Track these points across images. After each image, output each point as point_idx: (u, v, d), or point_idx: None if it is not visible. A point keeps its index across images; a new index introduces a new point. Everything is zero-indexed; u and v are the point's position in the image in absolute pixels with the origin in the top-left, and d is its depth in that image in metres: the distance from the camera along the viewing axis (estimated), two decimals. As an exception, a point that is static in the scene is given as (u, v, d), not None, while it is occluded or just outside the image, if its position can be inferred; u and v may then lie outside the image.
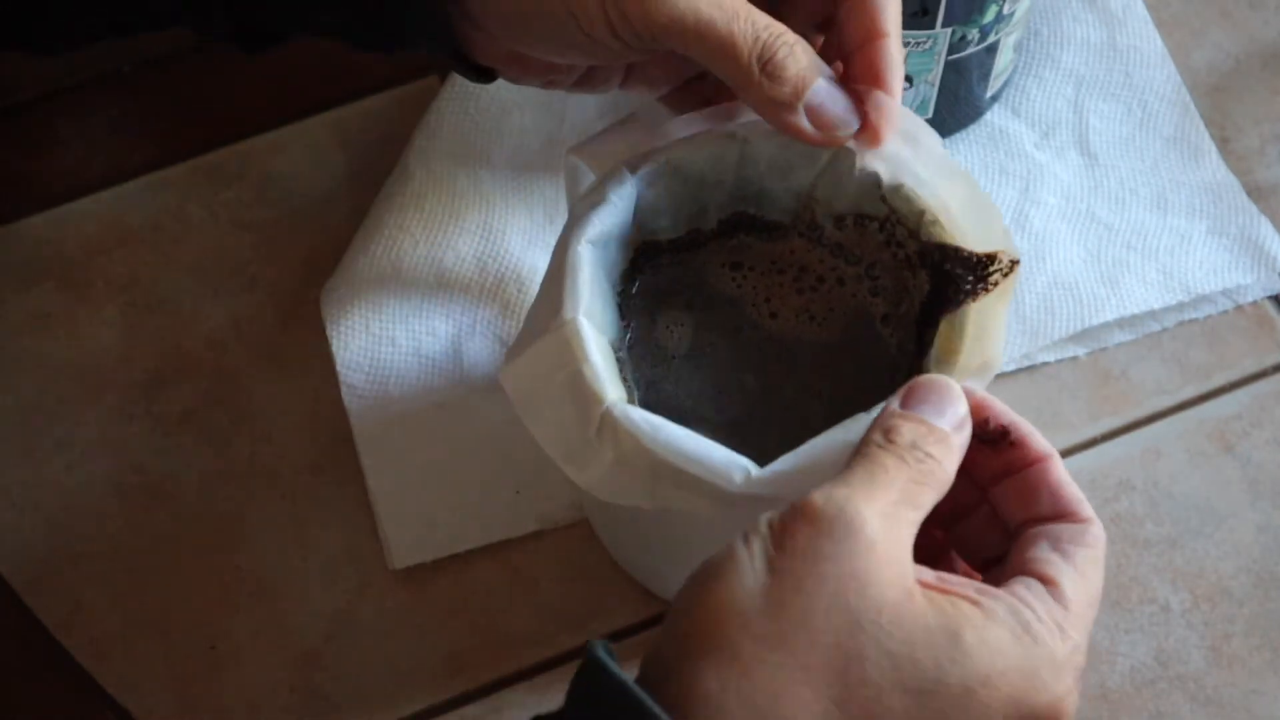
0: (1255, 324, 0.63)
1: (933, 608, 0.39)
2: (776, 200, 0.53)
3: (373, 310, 0.62)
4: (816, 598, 0.38)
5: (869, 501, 0.39)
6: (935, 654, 0.38)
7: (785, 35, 0.47)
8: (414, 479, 0.60)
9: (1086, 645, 0.41)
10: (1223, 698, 0.56)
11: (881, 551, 0.39)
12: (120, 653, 0.58)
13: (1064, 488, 0.42)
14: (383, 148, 0.67)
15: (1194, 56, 0.69)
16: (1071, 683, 0.40)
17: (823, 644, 0.38)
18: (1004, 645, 0.39)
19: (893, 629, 0.38)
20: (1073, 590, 0.40)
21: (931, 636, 0.38)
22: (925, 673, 0.38)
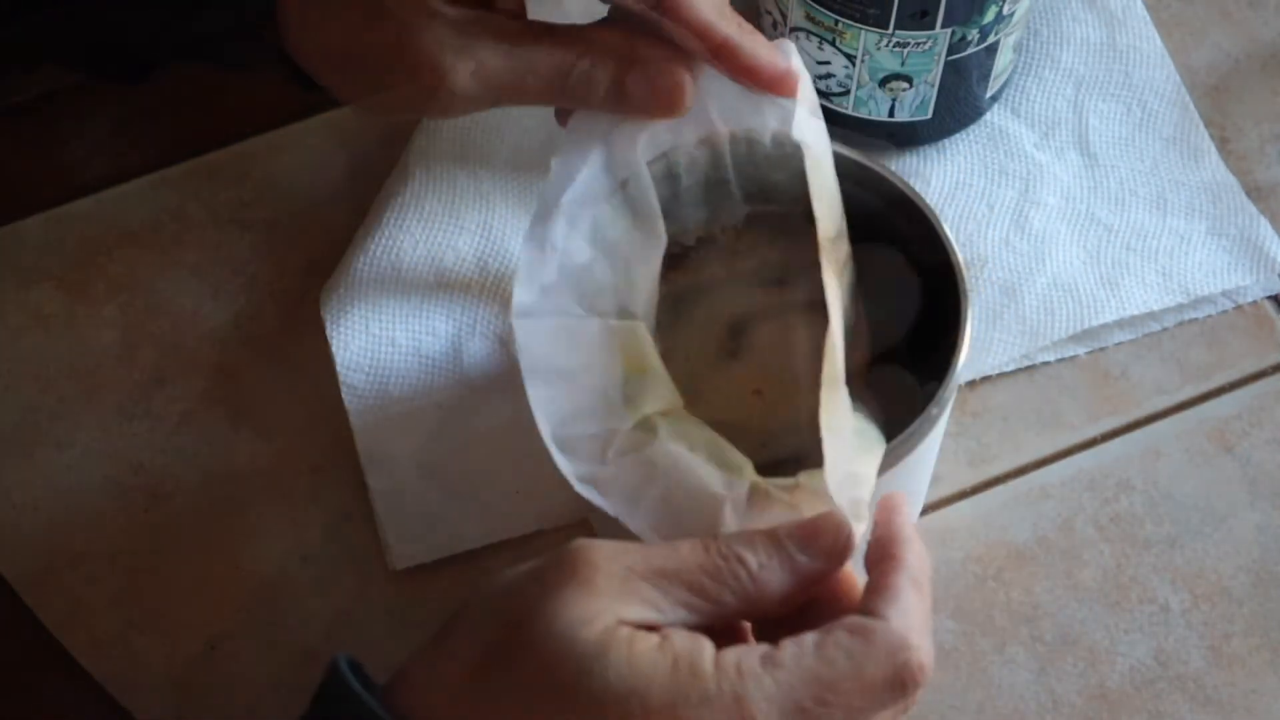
0: (1255, 324, 0.63)
1: (605, 630, 0.38)
2: (785, 190, 0.53)
3: (373, 310, 0.62)
4: (511, 609, 0.40)
5: (618, 555, 0.40)
6: (578, 665, 0.38)
7: (578, 66, 0.49)
8: (414, 479, 0.60)
9: (782, 715, 0.38)
10: (1223, 698, 0.56)
11: (590, 588, 0.39)
12: (120, 653, 0.58)
13: (887, 590, 0.41)
14: (383, 148, 0.67)
15: (1194, 56, 0.69)
16: None
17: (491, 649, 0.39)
18: (656, 670, 0.38)
19: (554, 640, 0.38)
20: (792, 656, 0.39)
21: (583, 650, 0.38)
22: (563, 684, 0.38)
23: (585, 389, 0.47)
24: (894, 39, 0.59)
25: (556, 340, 0.48)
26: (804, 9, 0.60)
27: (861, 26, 0.59)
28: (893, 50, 0.60)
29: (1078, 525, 0.59)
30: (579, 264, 0.49)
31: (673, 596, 0.40)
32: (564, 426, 0.47)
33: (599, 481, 0.46)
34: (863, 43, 0.60)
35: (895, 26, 0.59)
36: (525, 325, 0.48)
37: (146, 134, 0.68)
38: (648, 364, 0.48)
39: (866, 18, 0.59)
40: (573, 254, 0.49)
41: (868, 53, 0.60)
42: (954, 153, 0.66)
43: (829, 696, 0.38)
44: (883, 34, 0.59)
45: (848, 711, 0.39)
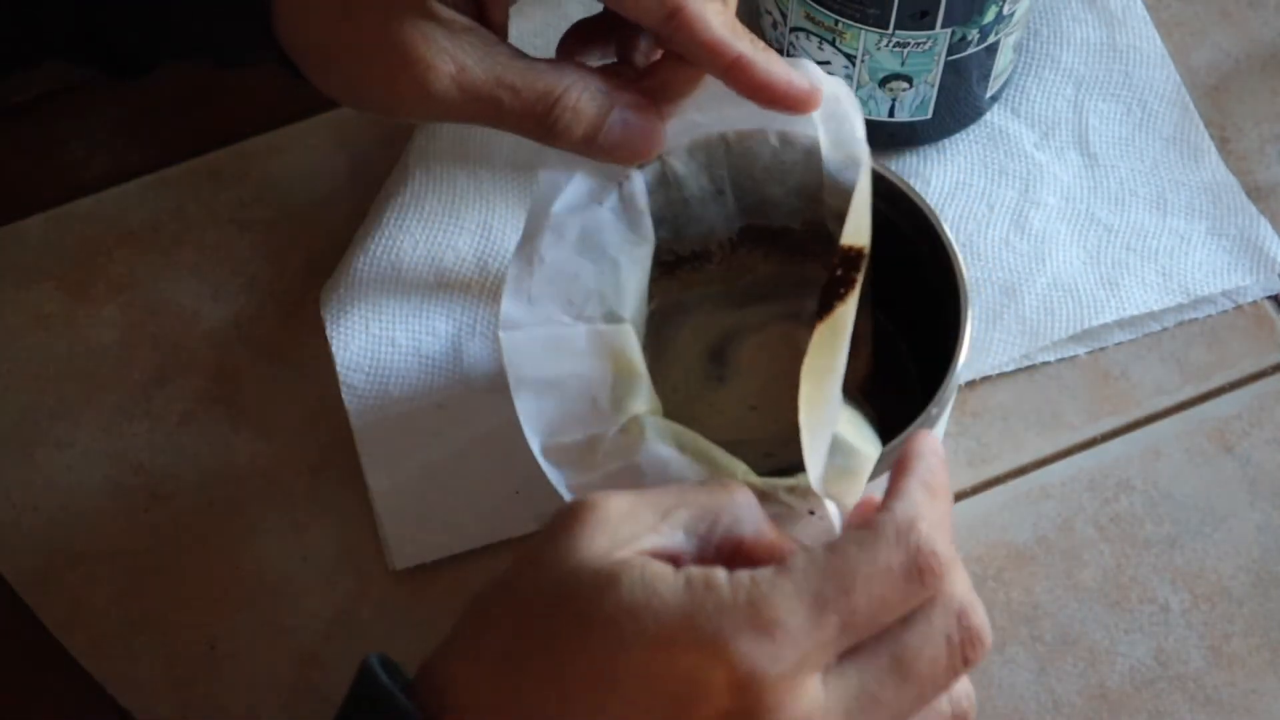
0: (1255, 324, 0.63)
1: (617, 560, 0.38)
2: (780, 205, 0.53)
3: (373, 310, 0.62)
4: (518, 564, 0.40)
5: (614, 494, 0.40)
6: (592, 593, 0.37)
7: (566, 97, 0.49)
8: (414, 479, 0.60)
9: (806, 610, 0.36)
10: (1222, 698, 0.56)
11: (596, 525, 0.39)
12: (120, 653, 0.58)
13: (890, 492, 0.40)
14: (383, 148, 0.67)
15: (1194, 56, 0.69)
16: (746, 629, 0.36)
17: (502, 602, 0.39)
18: (669, 589, 0.37)
19: (565, 578, 0.38)
20: (802, 559, 0.37)
21: (595, 579, 0.37)
22: (578, 611, 0.37)
23: (573, 396, 0.47)
24: (894, 39, 0.59)
25: (543, 351, 0.48)
26: (804, 9, 0.60)
27: (861, 26, 0.59)
28: (893, 50, 0.60)
29: (1078, 525, 0.59)
30: (566, 272, 0.49)
31: (673, 518, 0.39)
32: (553, 436, 0.47)
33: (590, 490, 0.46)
34: (863, 43, 0.60)
35: (895, 26, 0.59)
36: (512, 338, 0.48)
37: (146, 134, 0.68)
38: (635, 368, 0.48)
39: (866, 18, 0.59)
40: (559, 263, 0.49)
41: (868, 53, 0.60)
42: (954, 153, 0.66)
43: (849, 584, 0.37)
44: (883, 34, 0.59)
45: (872, 602, 0.37)
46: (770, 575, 0.37)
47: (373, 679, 0.40)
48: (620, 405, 0.47)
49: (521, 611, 0.39)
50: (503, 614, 0.39)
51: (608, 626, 0.37)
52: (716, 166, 0.52)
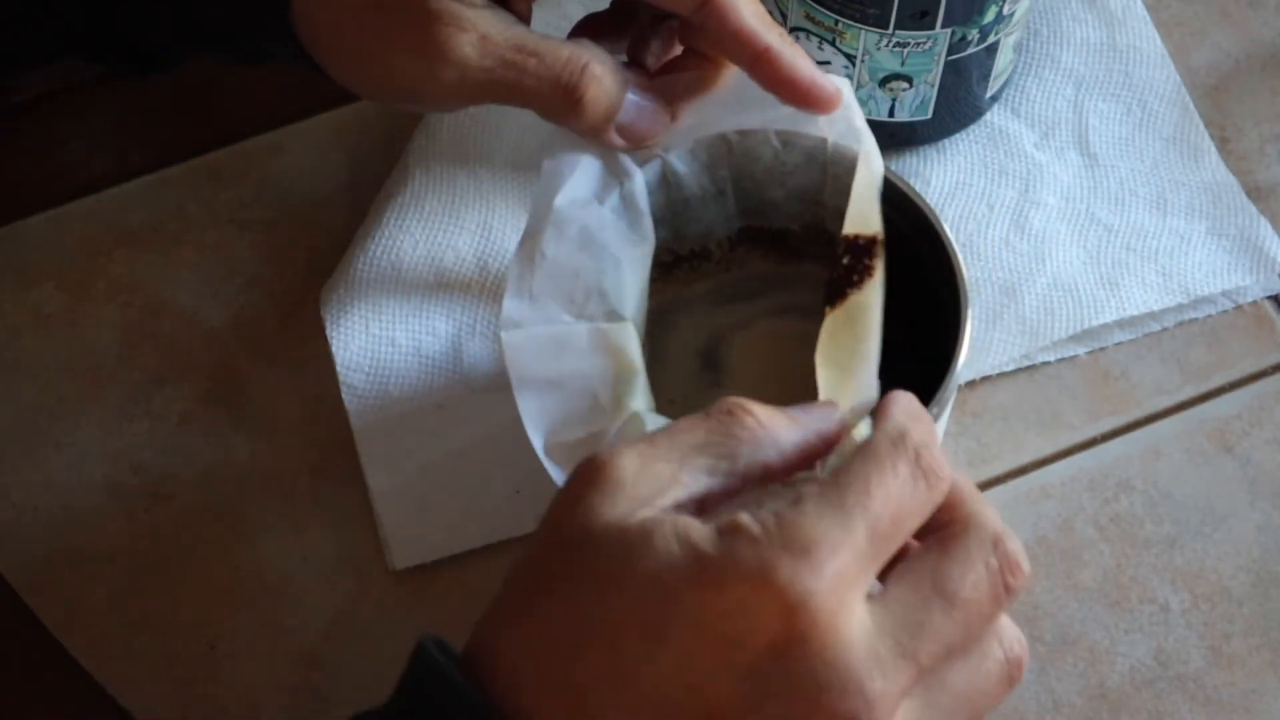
0: (1255, 324, 0.63)
1: (643, 518, 0.37)
2: (780, 208, 0.53)
3: (373, 310, 0.62)
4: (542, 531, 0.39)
5: (625, 448, 0.39)
6: (627, 551, 0.37)
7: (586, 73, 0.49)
8: (414, 479, 0.60)
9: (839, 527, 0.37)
10: (1222, 698, 0.56)
11: (614, 484, 0.38)
12: (120, 653, 0.58)
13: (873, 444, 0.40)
14: (383, 148, 0.67)
15: (1194, 56, 0.69)
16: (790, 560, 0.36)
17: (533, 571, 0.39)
18: (703, 537, 0.37)
19: (592, 539, 0.37)
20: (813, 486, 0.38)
21: (626, 537, 0.37)
22: (612, 572, 0.37)
23: (574, 395, 0.47)
24: (894, 39, 0.59)
25: (545, 349, 0.48)
26: (804, 9, 0.60)
27: (861, 26, 0.59)
28: (893, 50, 0.60)
29: (1078, 525, 0.59)
30: (568, 270, 0.49)
31: (690, 465, 0.39)
32: (555, 434, 0.47)
33: None
34: (863, 43, 0.60)
35: (895, 26, 0.59)
36: (514, 337, 0.48)
37: (146, 134, 0.68)
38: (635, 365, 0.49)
39: (866, 18, 0.59)
40: (561, 260, 0.49)
41: (868, 53, 0.60)
42: (954, 153, 0.66)
43: (864, 490, 0.37)
44: (883, 34, 0.59)
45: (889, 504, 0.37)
46: (790, 502, 0.37)
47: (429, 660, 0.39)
48: (620, 403, 0.47)
49: (558, 580, 0.38)
50: (539, 584, 0.39)
51: (650, 583, 0.36)
52: (718, 167, 0.52)
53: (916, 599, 0.37)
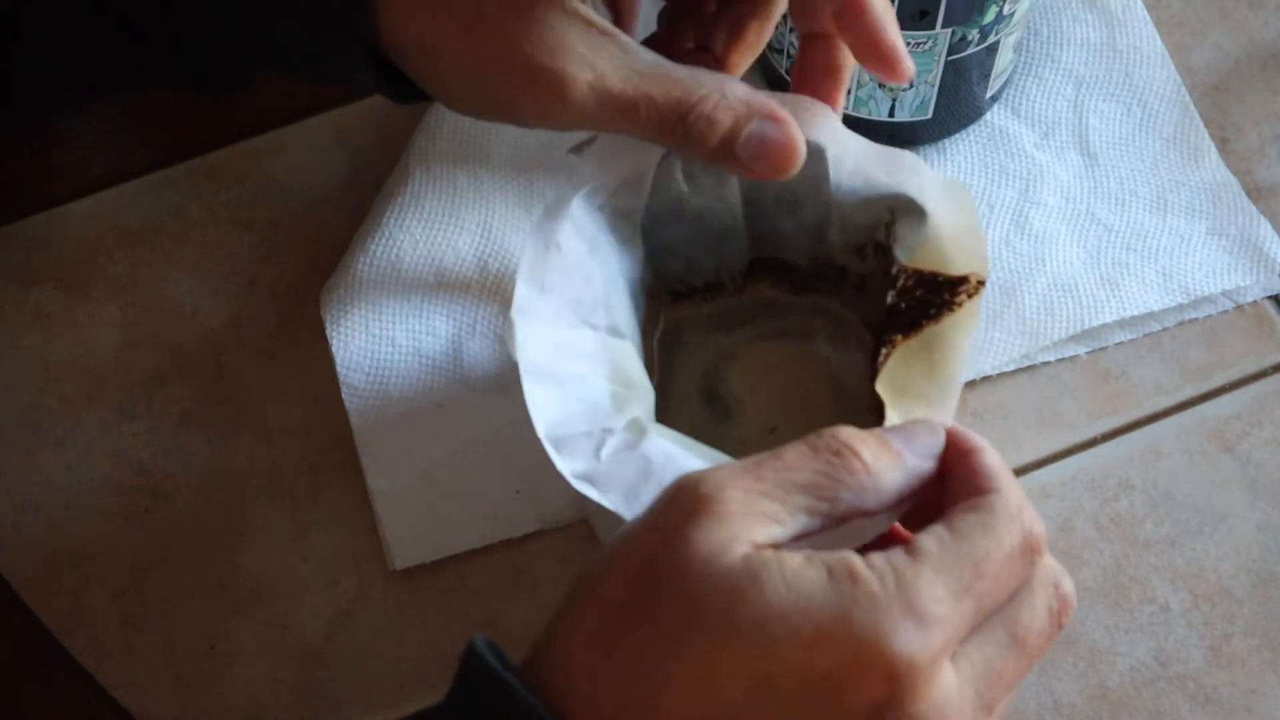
0: (1255, 324, 0.63)
1: (747, 557, 0.37)
2: (789, 241, 0.53)
3: (373, 310, 0.62)
4: (637, 555, 0.38)
5: (732, 478, 0.39)
6: (731, 592, 0.37)
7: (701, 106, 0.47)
8: (414, 479, 0.60)
9: (945, 599, 0.37)
10: (1222, 698, 0.56)
11: (717, 517, 0.38)
12: (120, 653, 0.58)
13: (978, 473, 0.40)
14: (383, 148, 0.67)
15: (1194, 56, 0.69)
16: (907, 627, 0.36)
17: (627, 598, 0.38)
18: (814, 584, 0.37)
19: (693, 575, 0.37)
20: (932, 543, 0.38)
21: (731, 578, 0.37)
22: (718, 612, 0.37)
23: (577, 394, 0.47)
24: (894, 39, 0.59)
25: (551, 345, 0.48)
26: (804, 9, 0.60)
27: (861, 26, 0.59)
28: (893, 50, 0.60)
29: (1078, 525, 0.59)
30: (580, 272, 0.49)
31: (792, 504, 0.39)
32: (558, 427, 0.47)
33: (596, 478, 0.46)
34: (863, 43, 0.60)
35: (895, 26, 0.59)
36: (525, 324, 0.48)
37: (146, 134, 0.68)
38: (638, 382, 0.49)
39: (866, 18, 0.59)
40: (574, 258, 0.49)
41: (868, 53, 0.60)
42: (954, 153, 0.66)
43: (982, 570, 0.38)
44: (883, 34, 0.59)
45: (998, 583, 0.38)
46: (908, 561, 0.37)
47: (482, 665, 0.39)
48: (623, 410, 0.48)
49: (654, 612, 0.38)
50: (631, 613, 0.38)
51: (757, 629, 0.37)
52: (730, 197, 0.52)
53: (994, 650, 0.39)
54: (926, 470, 0.41)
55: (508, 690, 0.38)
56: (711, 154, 0.48)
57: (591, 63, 0.47)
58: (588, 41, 0.47)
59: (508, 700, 0.38)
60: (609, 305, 0.50)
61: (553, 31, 0.47)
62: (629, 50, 0.48)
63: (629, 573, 0.38)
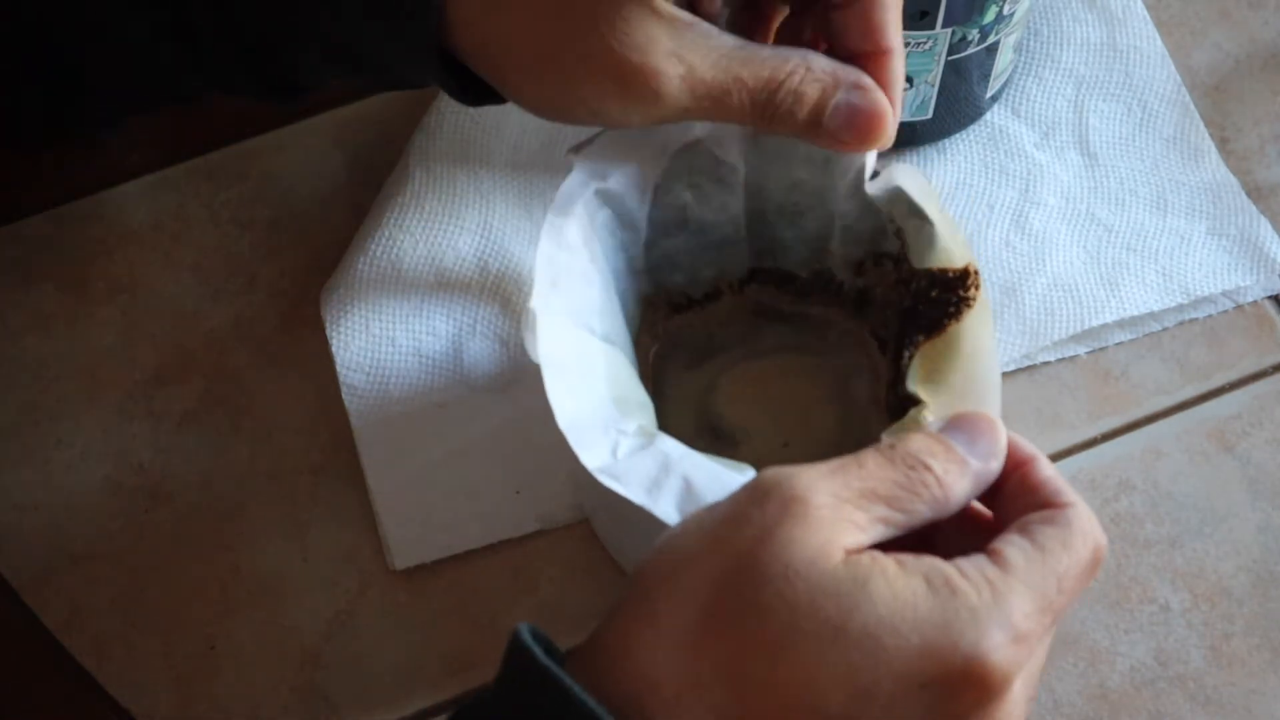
0: (1255, 324, 0.63)
1: (847, 561, 0.38)
2: (790, 251, 0.53)
3: (373, 310, 0.62)
4: (727, 555, 0.38)
5: (817, 481, 0.39)
6: (839, 599, 0.37)
7: (788, 81, 0.47)
8: (414, 479, 0.60)
9: (1032, 613, 0.39)
10: (1223, 698, 0.56)
11: (810, 521, 0.38)
12: (120, 653, 0.58)
13: (1044, 484, 0.42)
14: (383, 148, 0.67)
15: (1194, 56, 0.69)
16: (1002, 640, 0.38)
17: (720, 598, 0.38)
18: (917, 594, 0.38)
19: (796, 579, 0.38)
20: (1018, 556, 0.39)
21: (838, 584, 0.38)
22: (828, 619, 0.37)
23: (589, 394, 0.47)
24: (894, 39, 0.59)
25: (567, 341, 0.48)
26: (804, 9, 0.60)
27: (861, 26, 0.59)
28: (893, 50, 0.60)
29: (1078, 525, 0.59)
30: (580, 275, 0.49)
31: (873, 514, 0.39)
32: (577, 421, 0.46)
33: (616, 473, 0.46)
34: (863, 43, 0.60)
35: (895, 26, 0.59)
36: (544, 317, 0.47)
37: (146, 134, 0.68)
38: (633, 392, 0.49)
39: (866, 18, 0.59)
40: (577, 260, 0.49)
41: (868, 53, 0.60)
42: (954, 153, 0.66)
43: (1062, 586, 0.39)
44: (883, 34, 0.59)
45: (1072, 598, 0.40)
46: (999, 574, 0.39)
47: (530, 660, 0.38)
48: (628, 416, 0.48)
49: (752, 612, 0.38)
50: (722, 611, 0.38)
51: (867, 639, 0.37)
52: (734, 208, 0.52)
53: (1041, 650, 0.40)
54: (992, 473, 0.42)
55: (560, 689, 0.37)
56: (801, 128, 0.48)
57: (680, 55, 0.47)
58: (673, 35, 0.47)
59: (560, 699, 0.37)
60: (602, 312, 0.50)
61: (640, 29, 0.46)
62: (712, 36, 0.47)
63: (717, 571, 0.38)
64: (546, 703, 0.38)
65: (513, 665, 0.39)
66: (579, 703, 0.37)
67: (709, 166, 0.51)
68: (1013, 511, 0.42)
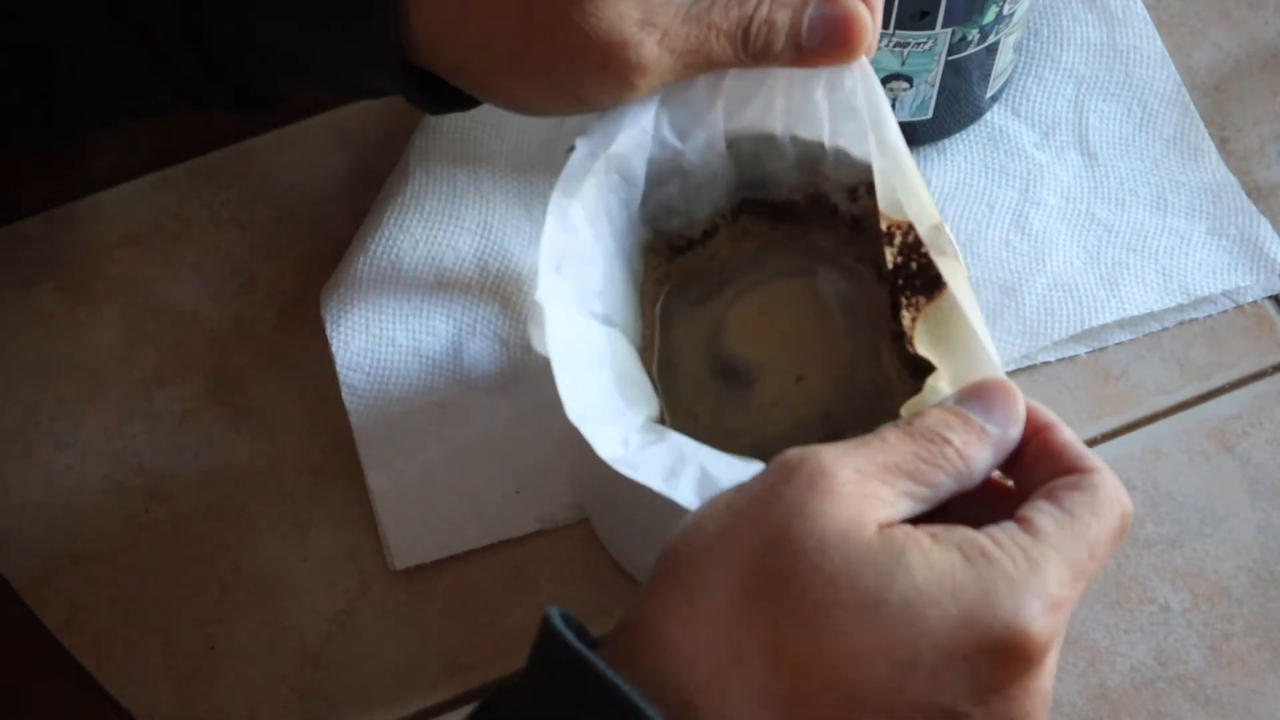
0: (1255, 324, 0.63)
1: (881, 534, 0.38)
2: (781, 180, 0.53)
3: (373, 310, 0.62)
4: (760, 530, 0.38)
5: (842, 457, 0.39)
6: (877, 571, 0.37)
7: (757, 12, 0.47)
8: (414, 479, 0.60)
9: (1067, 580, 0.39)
10: (1223, 698, 0.56)
11: (838, 495, 0.38)
12: (120, 653, 0.58)
13: (1066, 448, 0.42)
14: (383, 148, 0.67)
15: (1194, 56, 0.69)
16: (1040, 609, 0.38)
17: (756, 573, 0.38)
18: (954, 565, 0.38)
19: (832, 551, 0.38)
20: (1049, 524, 0.39)
21: (874, 556, 0.38)
22: (866, 590, 0.37)
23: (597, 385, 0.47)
24: (894, 39, 0.59)
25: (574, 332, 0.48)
26: (804, 9, 0.60)
27: (861, 26, 0.59)
28: (893, 50, 0.60)
29: (1078, 525, 0.59)
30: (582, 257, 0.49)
31: (898, 489, 0.40)
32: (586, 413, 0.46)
33: (632, 463, 0.45)
34: (863, 43, 0.60)
35: (895, 26, 0.59)
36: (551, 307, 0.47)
37: (146, 134, 0.68)
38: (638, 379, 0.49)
39: (866, 18, 0.59)
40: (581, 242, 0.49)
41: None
42: (954, 153, 0.66)
43: (1094, 552, 0.40)
44: (883, 34, 0.59)
45: (1102, 564, 0.40)
46: (1031, 542, 0.39)
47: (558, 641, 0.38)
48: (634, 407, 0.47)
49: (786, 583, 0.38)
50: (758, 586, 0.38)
51: (907, 610, 0.37)
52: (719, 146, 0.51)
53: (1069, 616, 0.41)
54: (1012, 440, 0.42)
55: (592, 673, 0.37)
56: (785, 57, 0.48)
57: (651, 21, 0.47)
58: (639, 4, 0.47)
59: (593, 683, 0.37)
60: (603, 292, 0.49)
61: (608, 6, 0.46)
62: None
63: (750, 547, 0.38)
64: (579, 687, 0.37)
65: (544, 651, 0.39)
66: (611, 686, 0.37)
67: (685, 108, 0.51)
68: (1035, 478, 0.41)
